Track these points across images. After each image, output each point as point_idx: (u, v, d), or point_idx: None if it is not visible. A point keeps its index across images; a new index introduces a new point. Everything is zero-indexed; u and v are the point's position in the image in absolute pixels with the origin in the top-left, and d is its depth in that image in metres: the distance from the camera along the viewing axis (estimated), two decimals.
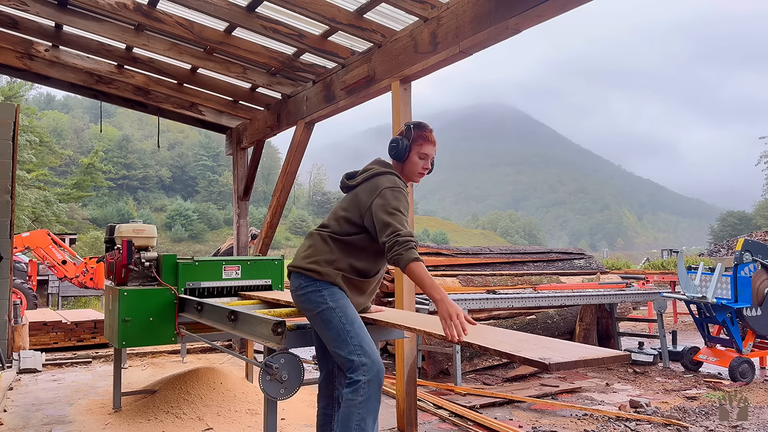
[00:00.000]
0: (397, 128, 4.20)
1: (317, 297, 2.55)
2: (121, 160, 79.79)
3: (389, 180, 2.58)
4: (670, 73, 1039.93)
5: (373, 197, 2.53)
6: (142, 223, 4.62)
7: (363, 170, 2.73)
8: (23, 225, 26.15)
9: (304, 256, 2.64)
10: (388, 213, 2.45)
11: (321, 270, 2.57)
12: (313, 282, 2.58)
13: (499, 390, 5.31)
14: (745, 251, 6.03)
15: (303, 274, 2.61)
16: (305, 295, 2.59)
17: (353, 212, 2.61)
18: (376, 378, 2.45)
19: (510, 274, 7.67)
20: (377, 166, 2.70)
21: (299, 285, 2.61)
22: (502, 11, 3.32)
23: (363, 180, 2.66)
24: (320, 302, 2.54)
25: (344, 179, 2.78)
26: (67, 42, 5.49)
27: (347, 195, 2.72)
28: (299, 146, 5.79)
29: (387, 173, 2.63)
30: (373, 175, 2.64)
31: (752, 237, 25.37)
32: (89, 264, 12.10)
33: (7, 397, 4.96)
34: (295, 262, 2.68)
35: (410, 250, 2.34)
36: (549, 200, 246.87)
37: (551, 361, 1.94)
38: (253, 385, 4.78)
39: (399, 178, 2.63)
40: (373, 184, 2.59)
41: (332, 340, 2.51)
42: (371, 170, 2.68)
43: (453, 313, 2.21)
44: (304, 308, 2.62)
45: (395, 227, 2.40)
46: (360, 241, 2.60)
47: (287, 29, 4.62)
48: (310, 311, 2.59)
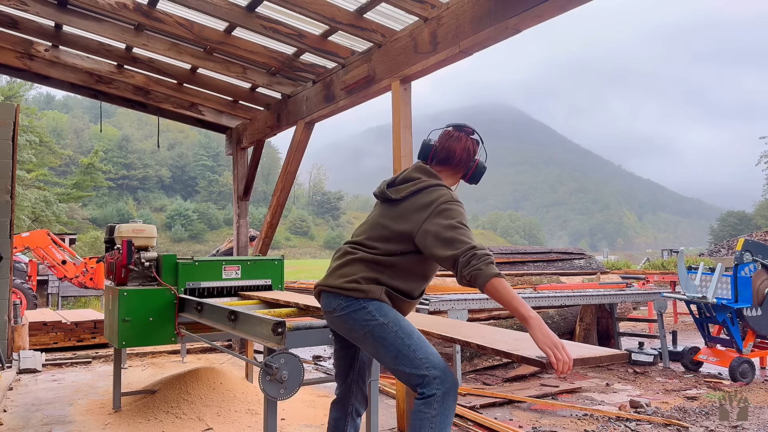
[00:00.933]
0: (397, 128, 4.21)
1: (363, 315, 2.28)
2: (121, 160, 79.84)
3: (446, 194, 2.30)
4: (669, 73, 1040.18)
5: (428, 213, 2.25)
6: (142, 223, 4.62)
7: (406, 179, 2.43)
8: (23, 225, 26.15)
9: (340, 275, 2.35)
10: (453, 228, 2.17)
11: (363, 288, 2.29)
12: (355, 301, 2.30)
13: (499, 390, 5.30)
14: (746, 251, 6.03)
15: (341, 294, 2.32)
16: (347, 315, 2.30)
17: (400, 229, 2.31)
18: (453, 389, 2.20)
19: (510, 274, 7.67)
20: (425, 177, 2.39)
21: (338, 306, 2.33)
22: (502, 11, 3.32)
23: (411, 193, 2.35)
24: (368, 320, 2.27)
25: (385, 189, 2.44)
26: (67, 42, 5.49)
27: (390, 208, 2.40)
28: (299, 146, 5.79)
29: (439, 186, 2.35)
30: (425, 187, 2.34)
31: (752, 237, 25.37)
32: (89, 264, 12.09)
33: (7, 397, 4.96)
34: (328, 281, 2.39)
35: (490, 266, 2.06)
36: (549, 200, 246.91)
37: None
38: (253, 385, 4.77)
39: (452, 191, 2.37)
40: (428, 198, 2.30)
41: (392, 358, 2.24)
42: (420, 182, 2.37)
43: (558, 343, 1.94)
44: (348, 329, 2.34)
45: (466, 242, 2.13)
46: (407, 261, 2.33)
47: (287, 29, 4.62)
48: (357, 332, 2.31)
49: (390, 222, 2.35)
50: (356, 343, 2.42)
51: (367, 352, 2.45)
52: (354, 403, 2.67)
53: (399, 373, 2.26)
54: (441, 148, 2.50)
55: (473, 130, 2.53)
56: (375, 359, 2.51)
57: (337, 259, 2.45)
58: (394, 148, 4.22)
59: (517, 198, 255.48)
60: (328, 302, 2.38)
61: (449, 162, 2.48)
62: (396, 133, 4.20)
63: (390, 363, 2.27)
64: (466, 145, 2.48)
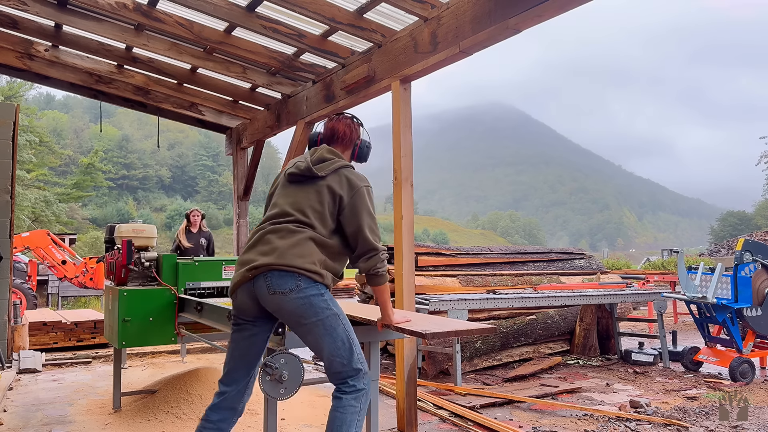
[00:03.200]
0: (397, 128, 4.21)
1: (320, 301, 2.31)
2: (121, 160, 79.83)
3: (362, 177, 2.50)
4: (668, 74, 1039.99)
5: (351, 195, 2.42)
6: (141, 223, 4.61)
7: (321, 159, 2.49)
8: (23, 225, 26.15)
9: (297, 254, 2.32)
10: (371, 217, 2.44)
11: (321, 272, 2.34)
12: (315, 284, 2.33)
13: (499, 390, 5.30)
14: (746, 251, 6.03)
15: (301, 275, 2.30)
16: (306, 299, 2.29)
17: (327, 208, 2.41)
18: (369, 385, 2.44)
19: (510, 274, 7.67)
20: (337, 158, 2.51)
21: (296, 287, 2.29)
22: (502, 11, 3.32)
23: (333, 171, 2.45)
24: (324, 308, 2.32)
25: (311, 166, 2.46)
26: (67, 42, 5.49)
27: (311, 186, 2.45)
28: (299, 146, 5.79)
29: (351, 167, 2.53)
30: (342, 166, 2.48)
31: (752, 237, 25.37)
32: (89, 264, 12.09)
33: (7, 397, 4.96)
34: (284, 260, 2.31)
35: (386, 273, 2.49)
36: (549, 200, 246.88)
37: (428, 330, 2.35)
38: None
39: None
40: (347, 179, 2.45)
41: (334, 348, 2.33)
42: (335, 161, 2.48)
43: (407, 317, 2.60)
44: (299, 314, 2.31)
45: (378, 240, 2.44)
46: (338, 242, 2.46)
47: (287, 29, 4.62)
48: (307, 318, 2.31)
49: (322, 198, 2.42)
50: (294, 327, 2.38)
51: (303, 339, 2.42)
52: (245, 399, 2.57)
53: (333, 363, 2.34)
54: (325, 130, 2.67)
55: (353, 115, 2.69)
56: (308, 346, 2.45)
57: (283, 237, 2.37)
58: (394, 148, 4.22)
59: (517, 198, 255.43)
60: (281, 282, 2.30)
61: (335, 139, 2.63)
62: (396, 133, 4.20)
63: (328, 353, 2.34)
64: (346, 122, 2.65)
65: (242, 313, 2.48)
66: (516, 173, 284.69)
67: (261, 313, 2.44)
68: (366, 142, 2.68)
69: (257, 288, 2.35)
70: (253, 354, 2.53)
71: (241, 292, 2.42)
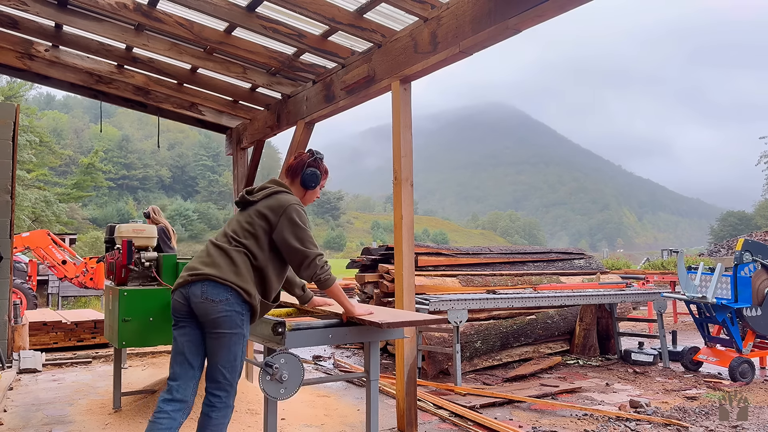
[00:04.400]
0: (397, 128, 4.21)
1: (238, 320, 2.57)
2: (121, 160, 79.85)
3: (292, 197, 2.75)
4: (667, 74, 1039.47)
5: (279, 214, 2.67)
6: (142, 223, 4.62)
7: (261, 188, 2.84)
8: (23, 225, 26.15)
9: (233, 272, 2.58)
10: (300, 228, 2.66)
11: (252, 292, 2.60)
12: (241, 303, 2.58)
13: (499, 390, 5.30)
14: (745, 251, 6.03)
15: (234, 290, 2.56)
16: (229, 313, 2.54)
17: (260, 229, 2.68)
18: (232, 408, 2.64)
19: (510, 274, 7.67)
20: (275, 186, 2.82)
21: (225, 299, 2.54)
22: (502, 11, 3.32)
23: (264, 196, 2.76)
24: (238, 326, 2.57)
25: (245, 195, 2.83)
26: (67, 42, 5.49)
27: (248, 211, 2.75)
28: (299, 146, 5.79)
29: (288, 192, 2.80)
30: (276, 192, 2.77)
31: (752, 237, 25.37)
32: (89, 264, 12.09)
33: (7, 397, 4.96)
34: (221, 272, 2.58)
35: (331, 275, 2.72)
36: (549, 200, 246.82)
37: (383, 320, 2.69)
38: (253, 385, 4.78)
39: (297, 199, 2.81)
40: (277, 201, 2.71)
41: (227, 361, 2.58)
42: (270, 188, 2.80)
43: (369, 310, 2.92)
44: (217, 322, 2.54)
45: (313, 250, 2.66)
46: (272, 265, 2.70)
47: (287, 29, 4.61)
48: (225, 329, 2.55)
49: (252, 221, 2.70)
50: (208, 332, 2.60)
51: (208, 342, 2.62)
52: (192, 393, 2.68)
53: (218, 371, 2.58)
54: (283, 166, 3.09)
55: (314, 152, 2.98)
56: (207, 349, 2.64)
57: (222, 254, 2.64)
58: (394, 148, 4.22)
59: (517, 198, 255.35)
60: (215, 292, 2.55)
61: (286, 172, 2.95)
62: (396, 133, 4.20)
63: (220, 362, 2.59)
64: (300, 157, 2.95)
65: (176, 312, 2.68)
66: (516, 173, 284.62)
67: (190, 315, 2.64)
68: (310, 171, 2.88)
69: (192, 291, 2.59)
70: (189, 352, 2.65)
71: (178, 293, 2.66)
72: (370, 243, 39.68)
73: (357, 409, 4.65)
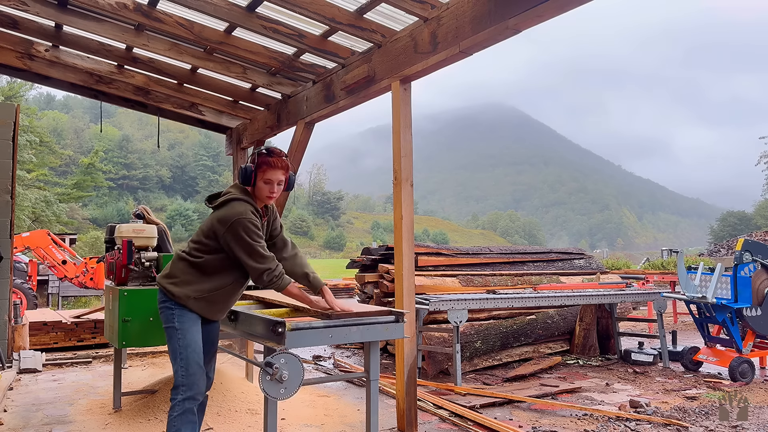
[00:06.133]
0: (397, 128, 4.21)
1: (168, 314, 2.86)
2: (121, 160, 79.81)
3: (240, 209, 2.79)
4: (666, 74, 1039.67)
5: (225, 227, 2.77)
6: (142, 223, 4.62)
7: (219, 194, 2.97)
8: (23, 225, 26.16)
9: (165, 275, 2.91)
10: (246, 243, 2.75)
11: (174, 291, 2.84)
12: (168, 300, 2.86)
13: (499, 390, 5.31)
14: (745, 251, 6.03)
15: (163, 290, 2.89)
16: (161, 310, 2.89)
17: (209, 235, 2.84)
18: (190, 399, 2.76)
19: (510, 274, 7.67)
20: (233, 191, 2.91)
21: (160, 299, 2.91)
22: (502, 11, 3.32)
23: (219, 204, 2.88)
24: (169, 320, 2.85)
25: (206, 201, 3.01)
26: (67, 42, 5.49)
27: (208, 217, 2.93)
28: (299, 146, 5.79)
29: (239, 199, 2.85)
30: (228, 201, 2.86)
31: (752, 237, 25.37)
32: (89, 264, 12.09)
33: (7, 397, 4.96)
34: (159, 278, 2.95)
35: (283, 278, 2.82)
36: (549, 200, 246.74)
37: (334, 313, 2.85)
38: (253, 385, 4.78)
39: (251, 203, 2.85)
40: (225, 213, 2.80)
41: (173, 357, 2.83)
42: (227, 194, 2.91)
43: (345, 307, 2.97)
44: (162, 318, 2.90)
45: (262, 262, 2.76)
46: (212, 261, 2.84)
47: (287, 29, 4.62)
48: (164, 323, 2.89)
49: (206, 228, 2.87)
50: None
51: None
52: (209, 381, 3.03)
53: (173, 367, 2.83)
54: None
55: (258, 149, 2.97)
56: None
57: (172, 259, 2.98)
58: (394, 148, 4.22)
59: (517, 198, 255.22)
60: (158, 294, 2.94)
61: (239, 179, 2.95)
62: (396, 133, 4.20)
63: (171, 358, 2.85)
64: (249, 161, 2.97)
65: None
66: (516, 173, 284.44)
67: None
68: (242, 168, 2.91)
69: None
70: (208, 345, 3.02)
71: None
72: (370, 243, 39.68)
73: (357, 409, 4.65)
